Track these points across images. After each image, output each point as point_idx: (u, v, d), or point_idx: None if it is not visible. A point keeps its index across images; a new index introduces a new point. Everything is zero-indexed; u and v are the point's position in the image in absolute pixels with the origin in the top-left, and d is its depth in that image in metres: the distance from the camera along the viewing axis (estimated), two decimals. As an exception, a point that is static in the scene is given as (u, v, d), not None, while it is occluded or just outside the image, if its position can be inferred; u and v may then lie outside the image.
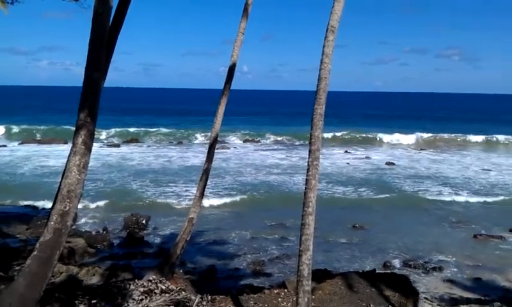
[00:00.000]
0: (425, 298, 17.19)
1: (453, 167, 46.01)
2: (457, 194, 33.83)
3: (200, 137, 62.99)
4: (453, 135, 67.15)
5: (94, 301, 11.70)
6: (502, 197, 33.10)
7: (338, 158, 49.77)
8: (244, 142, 62.74)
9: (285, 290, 13.77)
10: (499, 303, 16.61)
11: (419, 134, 66.03)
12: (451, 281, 19.54)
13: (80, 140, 8.83)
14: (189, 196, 29.58)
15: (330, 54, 9.09)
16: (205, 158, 15.89)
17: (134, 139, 62.48)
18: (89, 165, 9.18)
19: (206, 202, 27.22)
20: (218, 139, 16.53)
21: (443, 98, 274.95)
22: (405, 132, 65.94)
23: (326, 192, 33.29)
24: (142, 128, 70.25)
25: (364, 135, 66.09)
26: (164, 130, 69.07)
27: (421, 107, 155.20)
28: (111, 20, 9.85)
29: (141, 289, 12.56)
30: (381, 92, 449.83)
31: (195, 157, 47.24)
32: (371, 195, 33.30)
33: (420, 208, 30.28)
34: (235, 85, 16.20)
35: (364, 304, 12.66)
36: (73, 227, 21.39)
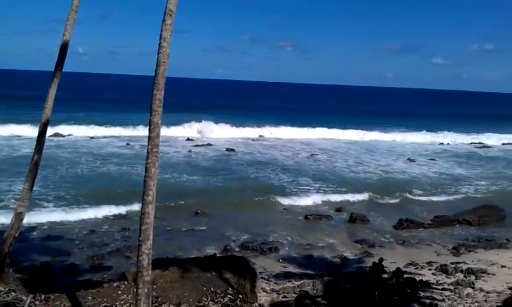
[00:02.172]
0: (263, 277, 18.13)
1: (286, 154, 48.97)
2: (292, 179, 36.15)
3: (28, 124, 57.17)
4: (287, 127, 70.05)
5: None
6: (330, 180, 36.25)
7: (182, 146, 49.80)
8: (80, 129, 58.60)
9: (126, 282, 13.36)
10: (327, 277, 18.25)
11: (256, 124, 67.65)
12: (286, 260, 20.91)
13: None
14: (15, 189, 26.99)
15: (168, 38, 8.95)
16: (34, 147, 14.58)
17: None
18: None
19: (38, 196, 25.23)
20: (49, 125, 15.21)
21: (281, 87, 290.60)
22: (244, 124, 67.11)
23: (171, 180, 33.19)
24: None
25: (205, 122, 66.47)
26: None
27: (260, 97, 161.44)
28: None
29: (-39, 294, 11.18)
30: (223, 80, 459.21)
31: (25, 144, 43.23)
32: (214, 181, 33.98)
33: (260, 193, 31.54)
34: (69, 67, 15.12)
35: (205, 288, 12.87)
36: None
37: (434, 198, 32.77)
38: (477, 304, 15.73)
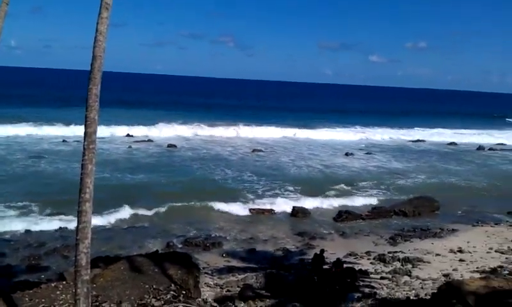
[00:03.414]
0: (206, 272, 18.11)
1: (228, 149, 48.98)
2: (236, 175, 36.20)
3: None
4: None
5: None
6: (273, 175, 36.62)
7: (121, 142, 48.63)
8: (14, 126, 55.56)
9: (64, 282, 12.96)
10: (270, 269, 18.49)
11: (196, 121, 66.18)
12: (229, 254, 21.00)
13: None
14: None
15: (104, 31, 8.74)
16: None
17: None
18: None
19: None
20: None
21: (221, 83, 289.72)
22: (184, 121, 65.53)
23: (111, 178, 32.36)
24: None
25: (145, 118, 64.68)
26: None
27: (200, 93, 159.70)
28: None
29: None
30: (162, 75, 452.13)
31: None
32: (156, 177, 33.47)
33: (204, 189, 31.36)
34: (1, 61, 14.40)
35: (147, 285, 12.69)
36: None
37: (373, 191, 33.76)
38: (413, 291, 16.38)
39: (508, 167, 47.23)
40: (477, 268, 19.47)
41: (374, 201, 30.82)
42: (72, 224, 21.45)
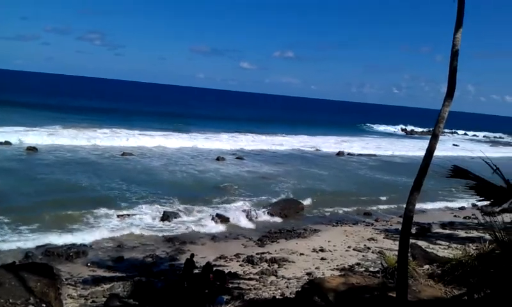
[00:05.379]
0: (69, 283, 17.15)
1: (95, 153, 46.62)
2: (104, 180, 34.55)
3: None
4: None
5: None
6: (142, 180, 35.73)
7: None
8: None
9: None
10: (139, 277, 18.07)
11: (56, 123, 61.36)
12: (95, 264, 20.12)
13: None
14: None
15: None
16: None
17: None
18: None
19: None
20: None
21: (86, 82, 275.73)
22: (43, 123, 60.88)
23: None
24: None
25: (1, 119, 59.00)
26: None
27: (62, 93, 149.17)
28: None
29: None
30: (23, 71, 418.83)
31: None
32: (12, 183, 30.59)
33: (68, 194, 29.40)
34: None
35: (2, 300, 11.65)
36: None
37: (244, 194, 34.34)
38: (279, 290, 17.14)
39: (364, 172, 51.33)
40: (337, 266, 20.97)
41: (244, 204, 31.49)
42: None
